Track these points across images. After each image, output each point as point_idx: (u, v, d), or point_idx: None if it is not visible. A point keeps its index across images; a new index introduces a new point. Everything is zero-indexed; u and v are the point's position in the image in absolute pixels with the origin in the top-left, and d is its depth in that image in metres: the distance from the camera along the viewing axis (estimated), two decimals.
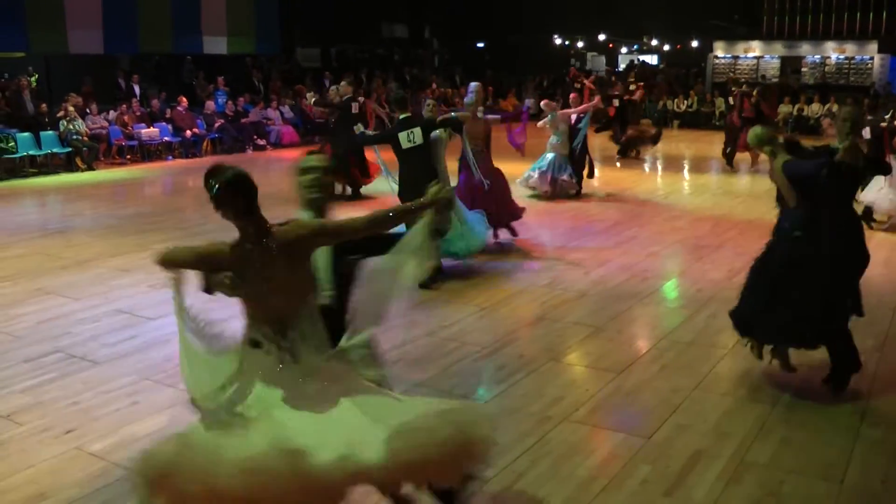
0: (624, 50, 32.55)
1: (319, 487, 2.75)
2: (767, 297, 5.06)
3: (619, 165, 15.99)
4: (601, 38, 31.02)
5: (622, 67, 30.72)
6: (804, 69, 25.43)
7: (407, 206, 3.23)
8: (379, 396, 3.12)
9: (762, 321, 5.12)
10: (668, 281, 7.96)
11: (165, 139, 17.11)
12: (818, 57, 25.18)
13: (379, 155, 8.67)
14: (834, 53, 24.87)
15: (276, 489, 2.71)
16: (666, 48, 30.81)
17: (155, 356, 5.73)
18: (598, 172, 13.83)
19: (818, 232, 4.87)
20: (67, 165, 15.28)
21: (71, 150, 15.23)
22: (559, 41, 31.42)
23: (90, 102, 16.62)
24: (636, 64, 30.45)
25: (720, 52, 26.70)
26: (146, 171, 15.61)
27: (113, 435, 4.53)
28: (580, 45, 31.98)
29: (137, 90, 18.41)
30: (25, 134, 14.94)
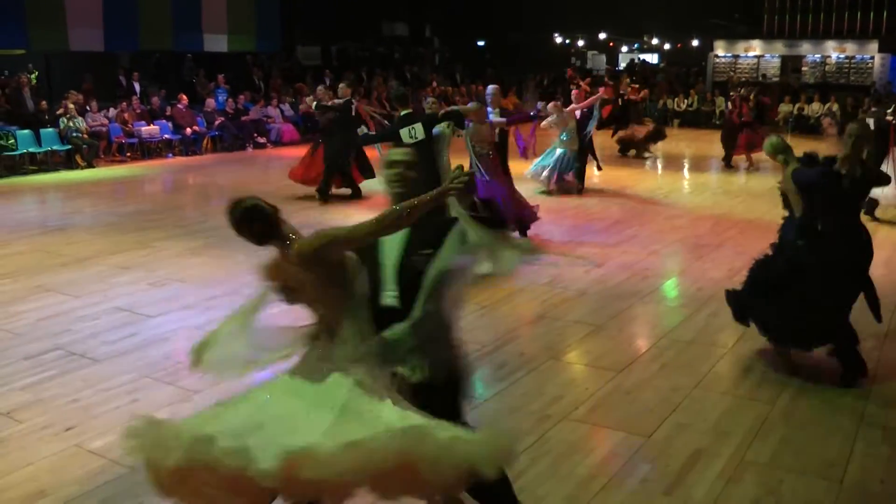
0: (624, 49, 32.56)
1: (241, 479, 2.71)
2: (768, 295, 5.22)
3: (628, 155, 16.46)
4: (602, 36, 31.04)
5: (622, 66, 30.72)
6: (804, 68, 25.42)
7: (414, 200, 3.03)
8: (367, 403, 2.99)
9: (764, 317, 5.33)
10: (668, 280, 7.96)
11: (165, 137, 17.10)
12: (818, 56, 25.18)
13: (381, 153, 8.67)
14: (834, 53, 24.86)
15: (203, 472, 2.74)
16: (666, 47, 30.82)
17: (154, 354, 5.73)
18: (597, 172, 13.88)
19: (820, 240, 5.04)
20: (67, 163, 15.27)
21: (71, 147, 15.22)
22: (560, 40, 31.42)
23: (90, 100, 16.61)
24: (636, 63, 30.45)
25: (720, 51, 26.69)
26: (146, 168, 15.60)
27: (112, 432, 4.51)
28: (580, 43, 31.99)
29: (138, 88, 18.40)
30: (25, 131, 14.93)
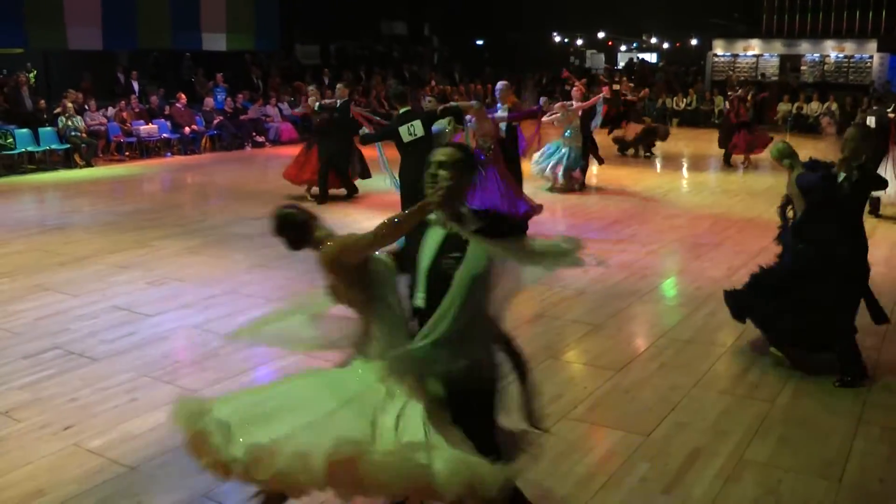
0: (623, 48, 32.57)
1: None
2: (768, 296, 5.34)
3: (626, 154, 16.68)
4: (600, 35, 31.05)
5: (621, 65, 30.72)
6: (803, 67, 25.43)
7: (401, 213, 3.12)
8: (378, 401, 3.06)
9: (764, 317, 5.46)
10: (666, 279, 7.96)
11: (164, 136, 17.09)
12: (817, 55, 25.19)
13: (382, 152, 8.67)
14: (833, 52, 24.87)
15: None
16: (665, 46, 30.83)
17: (153, 353, 5.73)
18: (596, 171, 13.90)
19: (822, 243, 5.14)
20: (66, 162, 15.27)
21: (69, 146, 15.22)
22: (558, 39, 31.42)
23: (89, 99, 16.61)
24: (635, 62, 30.45)
25: (719, 50, 26.69)
26: (145, 167, 15.59)
27: (111, 431, 4.53)
28: (579, 42, 32.00)
29: (136, 87, 18.39)
30: (24, 130, 14.93)
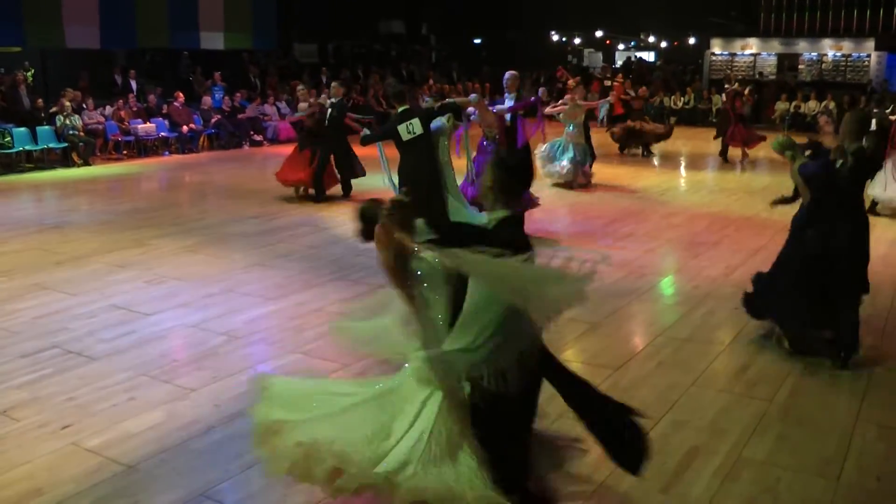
0: (621, 47, 32.55)
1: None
2: (783, 286, 5.67)
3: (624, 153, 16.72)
4: (598, 34, 31.03)
5: (619, 64, 30.72)
6: (801, 66, 25.44)
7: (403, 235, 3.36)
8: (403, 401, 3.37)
9: (776, 305, 5.75)
10: (664, 277, 7.96)
11: (162, 135, 17.09)
12: (815, 54, 25.20)
13: (382, 152, 8.66)
14: (831, 51, 24.88)
15: None
16: (663, 45, 30.82)
17: (151, 352, 5.73)
18: (594, 169, 13.88)
19: (826, 227, 5.42)
20: (64, 161, 15.26)
21: (67, 145, 15.21)
22: (556, 38, 31.41)
23: (87, 98, 16.59)
24: (633, 61, 30.44)
25: (717, 49, 26.70)
26: (143, 166, 15.58)
27: (109, 431, 4.53)
28: (577, 41, 31.99)
29: (134, 85, 18.38)
30: (22, 129, 14.92)
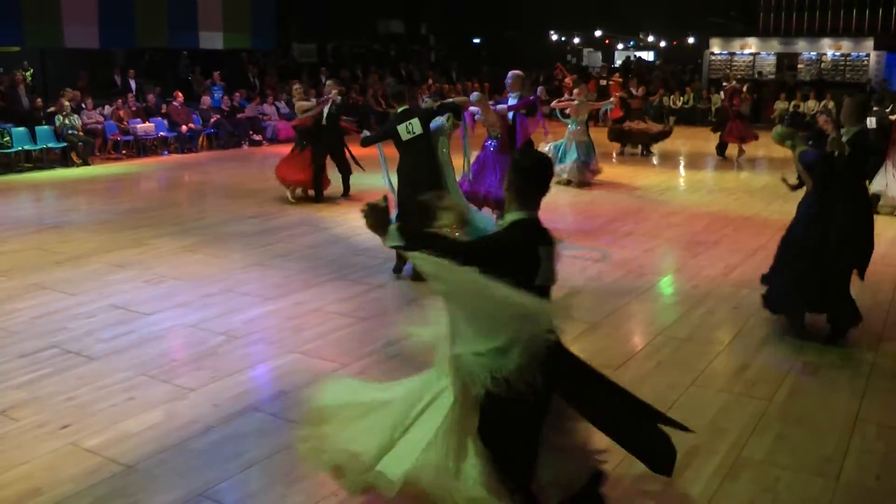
0: (620, 46, 32.55)
1: None
2: (787, 270, 5.95)
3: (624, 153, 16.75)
4: (598, 34, 31.03)
5: (618, 63, 30.72)
6: (800, 66, 25.45)
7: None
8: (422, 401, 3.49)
9: (783, 290, 6.00)
10: (664, 277, 7.96)
11: (161, 134, 17.08)
12: (814, 54, 25.22)
13: (381, 152, 8.65)
14: (830, 50, 24.90)
15: None
16: (662, 45, 30.82)
17: (150, 351, 5.73)
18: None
19: (827, 211, 5.72)
20: (63, 160, 15.25)
21: (66, 145, 15.20)
22: (556, 37, 31.41)
23: (86, 97, 16.59)
24: (632, 60, 30.44)
25: (716, 48, 26.70)
26: (142, 166, 15.57)
27: (108, 430, 4.52)
28: (576, 41, 31.98)
29: (133, 85, 18.37)
30: (21, 129, 14.91)
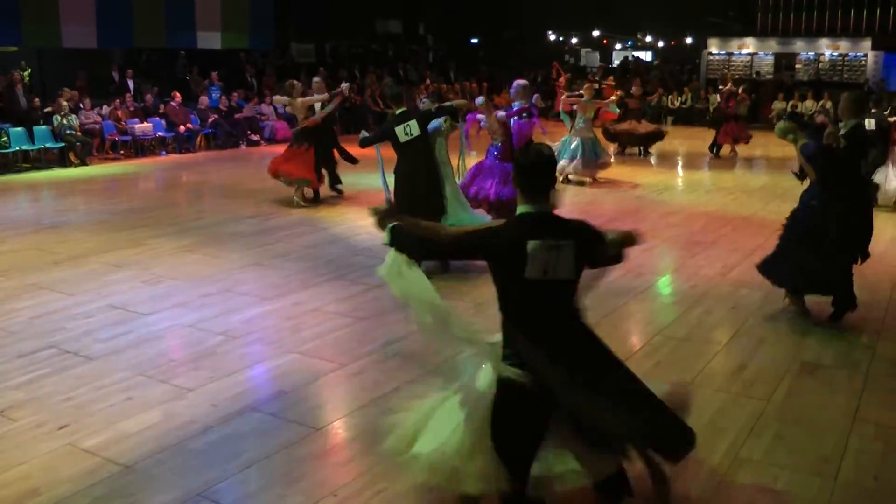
0: (618, 46, 32.58)
1: None
2: (789, 252, 6.28)
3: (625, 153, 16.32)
4: (595, 34, 31.05)
5: (616, 63, 30.75)
6: (798, 66, 25.48)
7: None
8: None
9: (783, 270, 6.31)
10: (662, 277, 7.97)
11: (159, 134, 17.06)
12: (812, 54, 25.24)
13: (379, 153, 8.66)
14: (828, 50, 24.92)
15: None
16: (660, 45, 30.85)
17: (149, 352, 5.72)
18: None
19: (826, 199, 6.02)
20: (60, 160, 15.23)
21: (64, 145, 15.18)
22: (554, 37, 31.43)
23: (83, 97, 16.57)
24: (630, 60, 30.46)
25: (714, 48, 26.72)
26: (139, 166, 15.56)
27: (106, 431, 4.52)
28: (574, 41, 32.01)
29: (131, 85, 18.35)
30: (18, 129, 14.90)
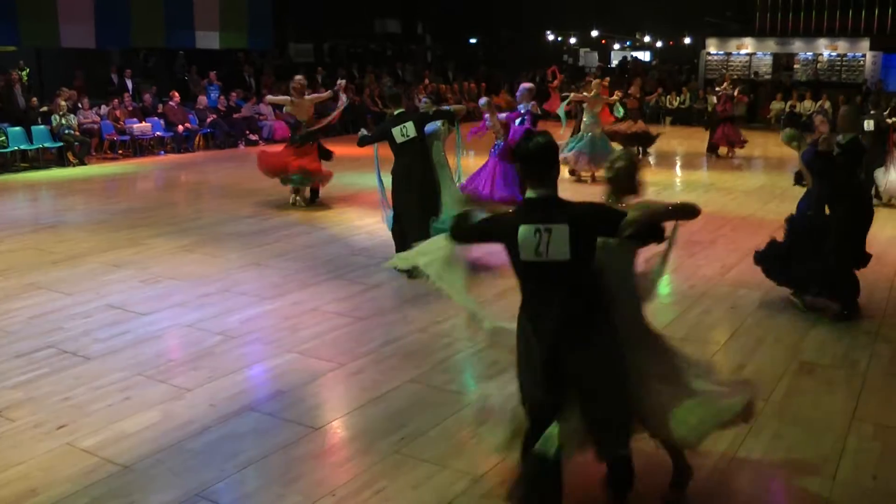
0: (617, 46, 32.58)
1: None
2: (786, 255, 6.45)
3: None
4: (594, 34, 31.05)
5: (615, 64, 30.76)
6: (796, 66, 25.47)
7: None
8: None
9: (785, 271, 6.48)
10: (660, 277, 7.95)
11: (157, 134, 17.05)
12: (810, 54, 25.24)
13: (377, 154, 8.66)
14: (826, 50, 24.93)
15: None
16: (659, 45, 30.86)
17: (147, 351, 5.72)
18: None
19: (823, 204, 6.25)
20: (59, 160, 15.23)
21: (62, 144, 15.17)
22: (552, 37, 31.43)
23: (82, 97, 16.55)
24: (628, 61, 30.47)
25: (713, 48, 26.71)
26: (138, 166, 15.55)
27: (105, 430, 4.52)
28: (573, 41, 32.01)
29: (130, 85, 18.33)
30: (17, 128, 14.88)
